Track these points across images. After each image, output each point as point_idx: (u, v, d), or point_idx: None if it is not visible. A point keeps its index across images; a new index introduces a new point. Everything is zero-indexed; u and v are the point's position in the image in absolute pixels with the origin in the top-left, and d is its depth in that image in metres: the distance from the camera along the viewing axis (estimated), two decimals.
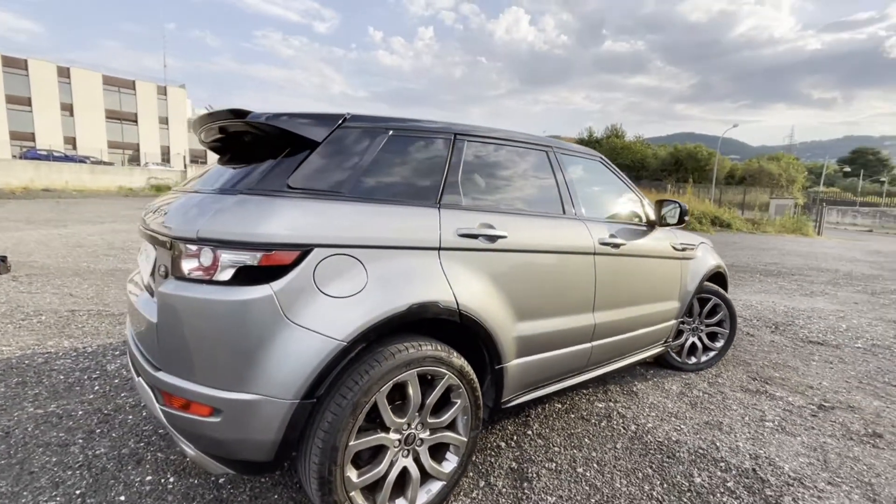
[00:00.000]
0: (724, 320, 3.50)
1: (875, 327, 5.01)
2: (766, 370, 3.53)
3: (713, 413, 2.76)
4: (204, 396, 1.38)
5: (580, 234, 2.29)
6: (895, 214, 30.25)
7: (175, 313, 1.40)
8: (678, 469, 2.15)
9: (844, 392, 3.19)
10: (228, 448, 1.43)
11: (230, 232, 1.37)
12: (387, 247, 1.60)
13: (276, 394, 1.37)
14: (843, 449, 2.42)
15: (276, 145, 1.61)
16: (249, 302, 1.34)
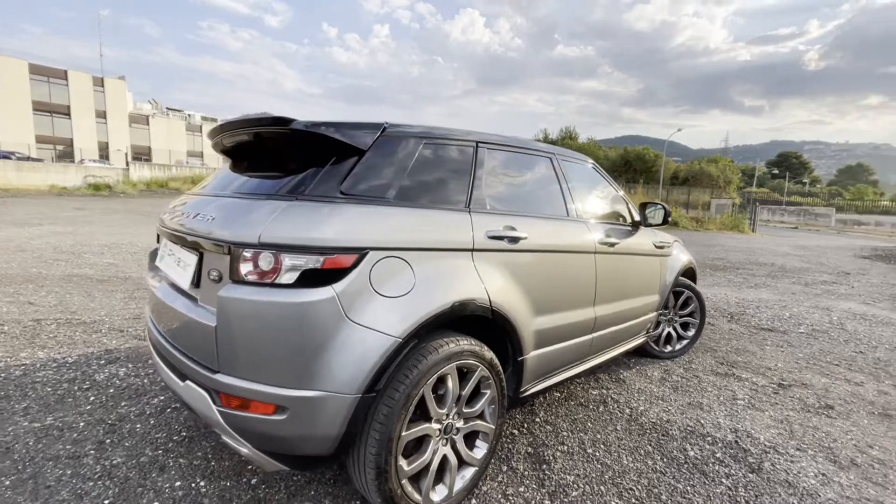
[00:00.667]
0: (695, 311, 3.85)
1: (812, 314, 5.63)
2: (731, 355, 3.92)
3: (693, 395, 3.06)
4: (268, 395, 1.43)
5: (583, 234, 2.49)
6: (816, 213, 33.51)
7: (238, 316, 1.43)
8: (673, 445, 2.40)
9: (797, 371, 3.62)
10: (291, 444, 1.49)
11: (292, 237, 1.43)
12: (430, 249, 1.70)
13: (341, 389, 1.44)
14: (804, 420, 2.78)
15: (321, 152, 1.67)
16: (315, 303, 1.40)
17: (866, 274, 9.71)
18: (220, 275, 1.52)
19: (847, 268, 10.60)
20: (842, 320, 5.38)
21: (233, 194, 1.76)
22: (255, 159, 1.92)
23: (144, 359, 3.23)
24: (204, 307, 1.58)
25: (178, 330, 1.69)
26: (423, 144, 1.86)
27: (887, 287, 8.05)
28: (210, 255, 1.58)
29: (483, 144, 2.13)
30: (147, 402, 2.63)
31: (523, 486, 2.01)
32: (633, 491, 2.01)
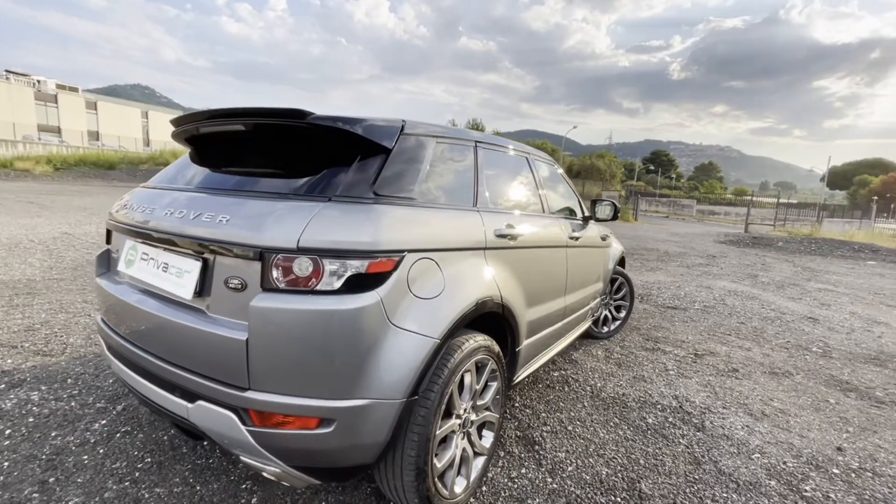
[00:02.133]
0: (626, 295, 4.34)
1: (700, 292, 6.65)
2: (652, 332, 4.50)
3: (635, 369, 3.48)
4: (312, 409, 1.35)
5: (558, 229, 2.68)
6: (682, 204, 39.14)
7: (277, 327, 1.32)
8: (634, 415, 2.73)
9: (703, 342, 4.29)
10: (334, 457, 1.42)
11: (334, 240, 1.35)
12: (454, 249, 1.72)
13: (389, 395, 1.41)
14: (721, 383, 3.33)
15: (342, 149, 1.58)
16: (362, 309, 1.35)
17: (727, 256, 11.64)
18: (244, 283, 1.38)
19: (712, 251, 12.59)
20: (722, 297, 6.44)
21: (236, 192, 1.59)
22: (255, 153, 1.74)
23: (60, 378, 2.74)
24: (220, 319, 1.42)
25: (178, 345, 1.49)
26: (436, 143, 1.86)
27: (744, 267, 9.76)
28: (226, 260, 1.42)
29: (480, 144, 2.18)
30: (86, 429, 2.26)
31: (524, 468, 2.15)
32: (616, 459, 2.26)
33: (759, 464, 2.29)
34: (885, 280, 8.97)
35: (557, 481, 2.07)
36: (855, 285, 8.12)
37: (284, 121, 1.54)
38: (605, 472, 2.15)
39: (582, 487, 2.03)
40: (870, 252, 13.44)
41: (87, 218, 9.51)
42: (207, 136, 1.83)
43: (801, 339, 4.61)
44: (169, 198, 1.70)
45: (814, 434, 2.65)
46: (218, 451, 2.14)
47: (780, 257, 11.94)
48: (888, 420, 2.90)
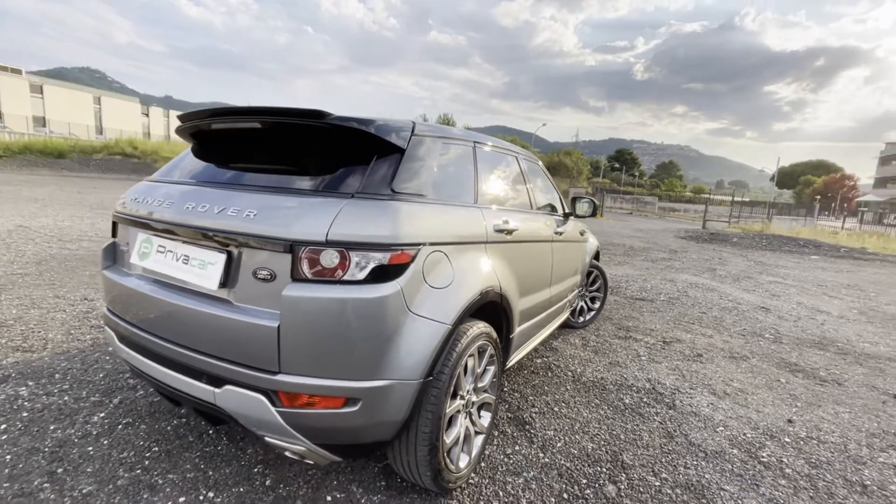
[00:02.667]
0: (600, 287, 4.61)
1: (665, 285, 7.07)
2: (623, 322, 4.80)
3: (610, 356, 3.73)
4: (339, 389, 1.46)
5: (545, 225, 2.86)
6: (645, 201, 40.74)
7: (308, 314, 1.42)
8: (612, 396, 2.96)
9: (670, 331, 4.62)
10: (357, 434, 1.53)
11: (359, 234, 1.46)
12: (461, 242, 1.86)
13: (408, 376, 1.54)
14: (687, 367, 3.63)
15: (359, 149, 1.68)
16: (386, 298, 1.47)
17: (687, 251, 12.32)
18: (273, 274, 1.47)
19: (674, 246, 13.28)
20: (685, 289, 6.88)
21: (258, 188, 1.66)
22: (271, 151, 1.81)
23: (46, 373, 2.71)
24: (247, 308, 1.50)
25: (203, 333, 1.56)
26: (442, 143, 1.98)
27: (703, 262, 10.38)
28: (254, 253, 1.50)
29: (477, 144, 2.32)
30: (85, 422, 2.27)
31: (518, 445, 2.33)
32: (599, 435, 2.48)
33: (723, 435, 2.57)
34: (827, 273, 9.76)
35: (548, 456, 2.26)
36: (801, 278, 8.82)
37: (304, 120, 1.63)
38: (590, 447, 2.36)
39: (571, 460, 2.23)
40: (813, 248, 14.53)
41: (40, 210, 9.04)
42: (220, 132, 1.88)
43: (755, 326, 5.02)
44: (184, 192, 1.76)
45: (768, 409, 2.96)
46: (225, 438, 2.21)
47: (735, 252, 12.73)
48: (829, 396, 3.26)
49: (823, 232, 21.49)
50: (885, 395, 3.37)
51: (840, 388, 3.44)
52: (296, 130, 1.70)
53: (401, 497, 1.89)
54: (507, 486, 2.02)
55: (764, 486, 2.14)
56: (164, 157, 29.21)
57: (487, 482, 2.04)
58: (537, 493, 1.99)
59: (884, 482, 2.25)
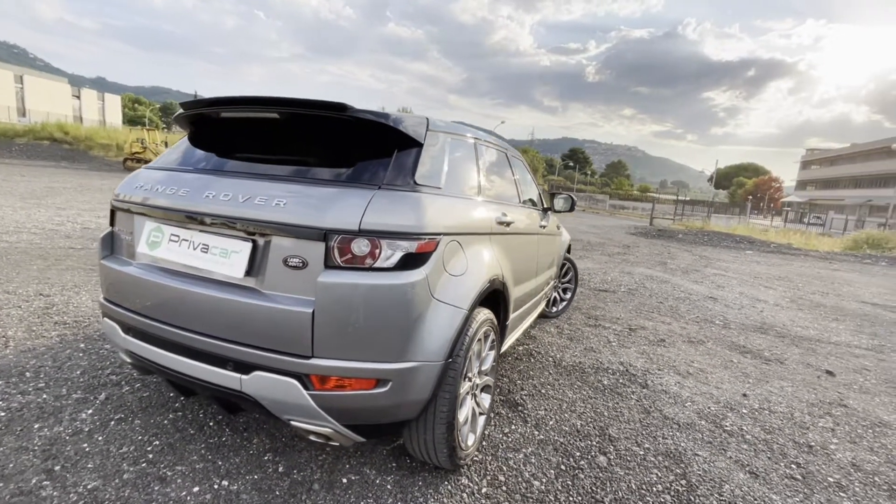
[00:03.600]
0: (572, 279, 4.87)
1: (623, 277, 7.52)
2: (591, 311, 5.10)
3: (584, 342, 3.98)
4: (370, 371, 1.53)
5: (533, 218, 3.02)
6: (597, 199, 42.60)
7: (342, 300, 1.47)
8: (592, 378, 3.19)
9: (633, 319, 4.96)
10: (385, 413, 1.61)
11: (389, 223, 1.53)
12: (472, 233, 1.96)
13: (433, 358, 1.63)
14: (653, 350, 3.94)
15: (379, 141, 1.74)
16: (414, 284, 1.55)
17: (639, 247, 13.08)
18: (304, 261, 1.51)
19: (626, 242, 14.04)
20: (642, 281, 7.35)
21: (282, 178, 1.68)
22: (290, 141, 1.83)
23: (15, 372, 2.55)
24: (276, 296, 1.53)
25: (228, 321, 1.57)
26: (451, 139, 2.07)
27: (655, 256, 11.07)
28: (284, 241, 1.53)
29: (477, 140, 2.43)
30: (73, 419, 2.18)
31: (514, 424, 2.48)
32: (585, 413, 2.68)
33: (691, 409, 2.85)
34: (761, 266, 10.73)
35: (543, 433, 2.42)
36: (740, 270, 9.65)
37: (326, 112, 1.67)
38: (579, 423, 2.55)
39: (563, 436, 2.41)
40: (748, 243, 15.84)
41: None
42: (231, 121, 1.87)
43: (706, 314, 5.49)
44: (200, 181, 1.74)
45: (726, 385, 3.30)
46: (228, 429, 2.20)
47: (681, 247, 13.65)
48: (774, 373, 3.67)
49: (755, 229, 23.43)
50: (819, 370, 3.83)
51: (782, 366, 3.87)
52: (316, 122, 1.74)
53: (413, 476, 1.98)
54: (509, 462, 2.16)
55: (730, 450, 2.42)
56: (99, 143, 27.10)
57: (490, 459, 2.17)
58: (537, 465, 2.15)
59: (825, 443, 2.60)
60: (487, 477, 2.04)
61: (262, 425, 2.25)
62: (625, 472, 2.14)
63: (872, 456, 2.50)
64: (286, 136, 1.84)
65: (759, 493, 2.07)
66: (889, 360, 4.33)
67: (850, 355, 4.38)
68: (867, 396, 3.35)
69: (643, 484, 2.07)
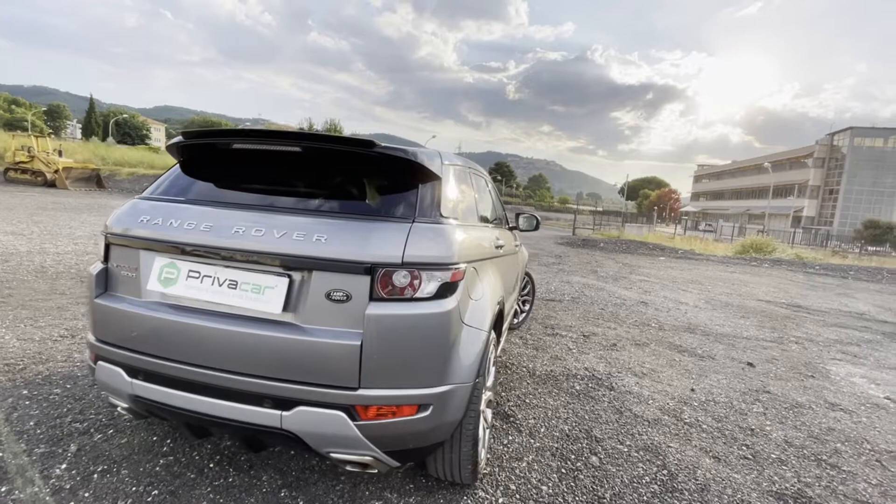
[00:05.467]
0: (529, 291, 5.18)
1: (565, 287, 8.08)
2: (546, 321, 5.45)
3: (548, 351, 4.27)
4: (414, 397, 1.59)
5: (508, 238, 3.24)
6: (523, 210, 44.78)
7: (390, 331, 1.53)
8: (566, 385, 3.45)
9: (584, 326, 5.39)
10: (426, 436, 1.67)
11: (427, 255, 1.62)
12: (482, 259, 2.11)
13: (466, 379, 1.73)
14: (608, 355, 4.33)
15: (402, 176, 1.83)
16: (450, 311, 1.65)
17: (569, 256, 14.03)
18: (348, 295, 1.55)
19: (557, 252, 14.99)
20: (581, 289, 7.95)
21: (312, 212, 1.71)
22: (312, 175, 1.85)
23: None
24: (319, 329, 1.55)
25: (267, 358, 1.55)
26: (456, 170, 2.21)
27: (585, 265, 11.97)
28: (326, 276, 1.56)
29: (469, 168, 2.59)
30: (48, 476, 1.97)
31: (511, 435, 2.63)
32: (570, 418, 2.91)
33: (654, 407, 3.21)
34: (674, 271, 12.05)
35: (538, 440, 2.61)
36: (659, 276, 10.76)
37: (354, 148, 1.73)
38: (567, 428, 2.77)
39: (557, 441, 2.61)
40: (659, 250, 17.66)
41: None
42: (244, 153, 1.86)
43: (642, 318, 6.10)
44: (223, 215, 1.71)
45: (676, 382, 3.74)
46: (232, 469, 2.10)
47: (605, 256, 14.86)
48: (710, 368, 4.22)
49: (662, 237, 26.16)
50: (742, 363, 4.46)
51: (714, 361, 4.45)
52: (340, 157, 1.79)
53: (433, 495, 2.05)
54: (516, 471, 2.31)
55: (694, 439, 2.78)
56: None
57: (498, 470, 2.30)
58: (540, 472, 2.32)
59: (761, 425, 3.07)
60: (500, 487, 2.16)
61: (268, 461, 2.18)
62: (616, 469, 2.39)
63: (797, 433, 3.01)
64: (309, 170, 1.86)
65: (725, 475, 2.42)
66: (789, 350, 5.15)
67: (761, 347, 5.14)
68: (781, 382, 3.99)
69: (633, 477, 2.33)
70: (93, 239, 7.99)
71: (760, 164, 59.07)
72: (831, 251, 26.81)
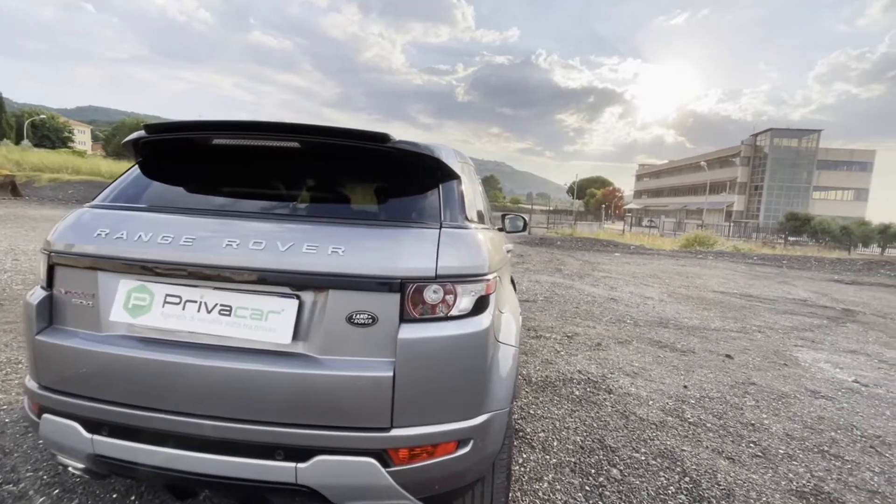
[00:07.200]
0: None
1: (535, 287, 8.06)
2: (526, 322, 5.34)
3: (538, 355, 4.15)
4: (453, 432, 1.36)
5: (505, 240, 3.07)
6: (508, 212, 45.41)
7: (424, 357, 1.29)
8: (564, 391, 3.33)
9: (565, 326, 5.33)
10: (466, 475, 1.44)
11: (461, 266, 1.40)
12: (502, 266, 1.91)
13: (503, 405, 1.52)
14: (596, 355, 4.27)
15: (420, 175, 1.59)
16: (487, 329, 1.43)
17: (530, 255, 14.18)
18: (373, 317, 1.29)
19: (518, 251, 15.11)
20: (551, 288, 7.96)
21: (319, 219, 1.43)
22: (308, 175, 1.56)
23: None
24: (341, 360, 1.29)
25: (280, 400, 1.26)
26: (465, 167, 2.00)
27: (547, 263, 12.11)
28: (344, 295, 1.29)
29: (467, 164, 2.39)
30: None
31: (525, 453, 2.45)
32: (579, 428, 2.77)
33: (655, 408, 3.15)
34: (632, 266, 12.46)
35: (553, 456, 2.44)
36: (619, 271, 11.07)
37: (364, 143, 1.48)
38: (579, 439, 2.63)
39: (572, 455, 2.46)
40: (613, 247, 18.30)
41: None
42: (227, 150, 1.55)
43: (615, 315, 6.16)
44: (207, 225, 1.39)
45: (668, 380, 3.73)
46: None
47: (564, 254, 15.16)
48: (693, 362, 4.27)
49: (612, 234, 27.23)
50: (720, 355, 4.56)
51: (695, 355, 4.52)
52: (349, 153, 1.52)
53: None
54: (539, 493, 2.13)
55: (704, 439, 2.73)
56: None
57: (521, 495, 2.11)
58: (564, 491, 2.15)
59: (759, 419, 3.09)
60: None
61: None
62: (640, 481, 2.27)
63: (793, 424, 3.05)
64: (311, 169, 1.58)
65: (744, 477, 2.37)
66: (756, 339, 5.36)
67: (730, 338, 5.31)
68: (761, 373, 4.10)
69: (658, 488, 2.22)
70: (10, 254, 7.00)
71: (696, 163, 63.38)
72: (762, 242, 29.08)
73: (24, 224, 10.94)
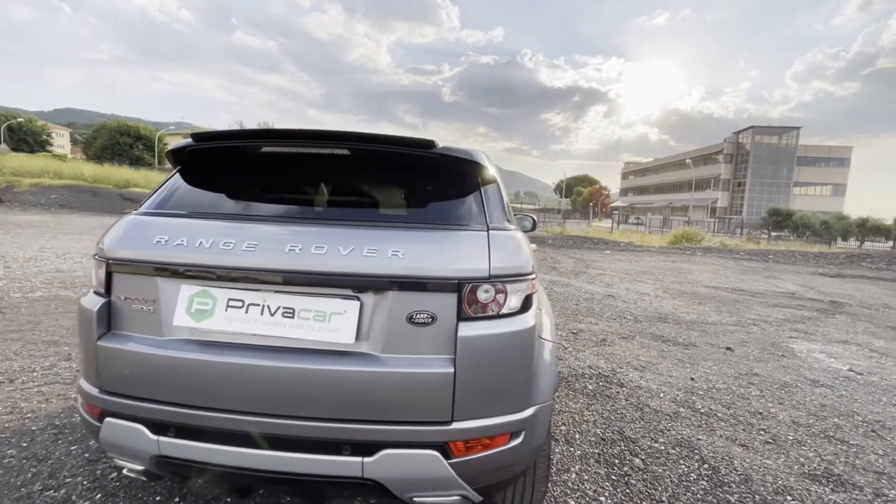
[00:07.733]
0: None
1: None
2: None
3: None
4: (507, 424, 1.43)
5: None
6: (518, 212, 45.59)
7: (482, 353, 1.35)
8: (578, 386, 3.42)
9: (568, 323, 5.44)
10: (516, 466, 1.51)
11: (511, 266, 1.47)
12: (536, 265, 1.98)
13: (547, 398, 1.59)
14: (603, 350, 4.39)
15: (462, 179, 1.66)
16: (533, 326, 1.51)
17: None
18: (433, 316, 1.36)
19: None
20: (549, 286, 8.08)
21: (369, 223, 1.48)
22: (362, 180, 1.61)
23: None
24: (402, 358, 1.35)
25: (346, 397, 1.32)
26: (499, 171, 2.07)
27: (542, 262, 12.25)
28: (405, 295, 1.35)
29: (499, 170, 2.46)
30: None
31: None
32: (598, 420, 2.87)
33: (666, 400, 3.26)
34: (624, 263, 12.68)
35: (578, 448, 2.53)
36: (613, 269, 11.26)
37: (412, 150, 1.54)
38: (599, 431, 2.72)
39: (595, 446, 2.55)
40: (603, 244, 18.56)
41: None
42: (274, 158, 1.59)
43: (616, 311, 6.30)
44: (269, 231, 1.44)
45: (675, 373, 3.85)
46: None
47: (557, 252, 15.35)
48: (697, 355, 4.41)
49: (601, 231, 27.58)
50: (721, 348, 4.71)
51: (697, 348, 4.66)
52: (397, 159, 1.58)
53: None
54: (569, 483, 2.21)
55: (717, 428, 2.84)
56: None
57: (550, 485, 2.19)
58: (592, 481, 2.24)
59: (766, 408, 3.22)
60: (560, 502, 2.05)
61: None
62: (662, 469, 2.37)
63: (798, 412, 3.19)
64: (360, 175, 1.64)
65: (759, 462, 2.48)
66: (751, 331, 5.54)
67: (728, 332, 5.48)
68: (762, 364, 4.25)
69: (681, 476, 2.32)
70: (1, 260, 6.86)
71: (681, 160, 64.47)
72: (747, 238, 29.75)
73: (8, 230, 10.71)
